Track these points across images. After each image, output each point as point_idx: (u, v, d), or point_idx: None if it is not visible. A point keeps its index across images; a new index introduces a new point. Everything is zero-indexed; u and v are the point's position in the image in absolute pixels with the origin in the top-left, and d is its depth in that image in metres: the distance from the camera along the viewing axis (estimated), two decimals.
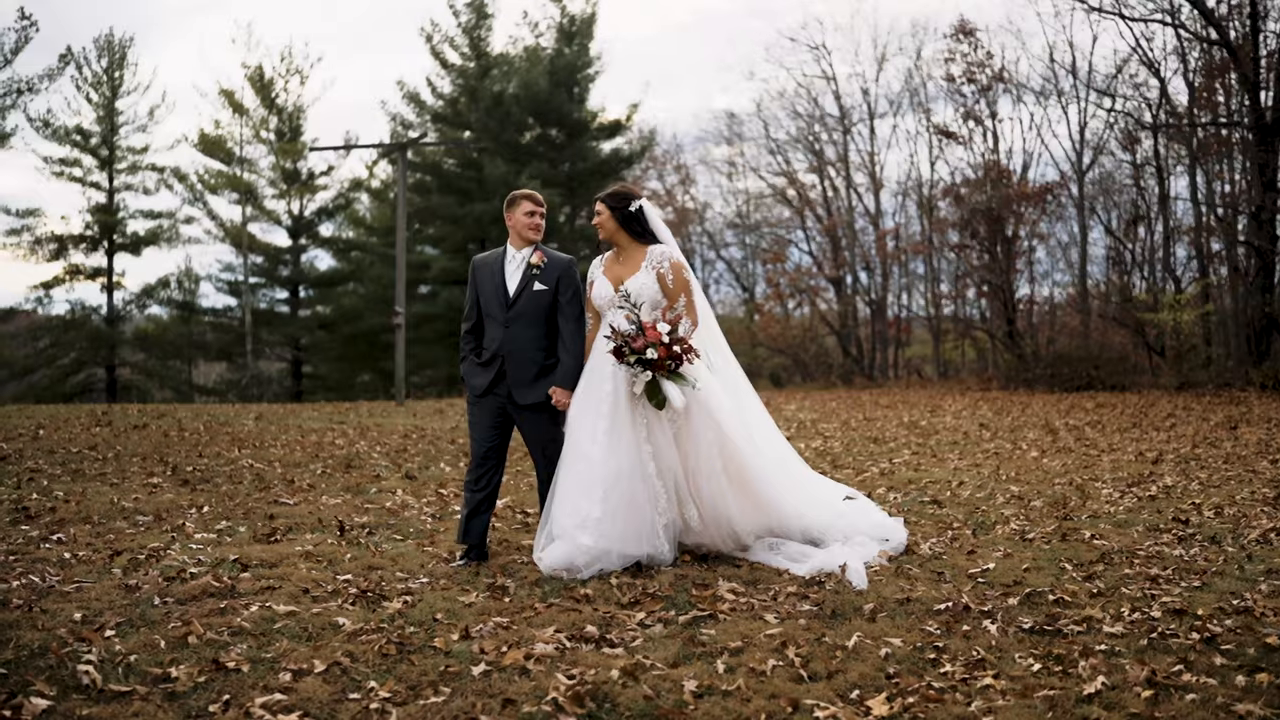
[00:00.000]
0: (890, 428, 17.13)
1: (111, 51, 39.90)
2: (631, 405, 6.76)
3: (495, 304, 7.18)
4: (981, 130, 33.89)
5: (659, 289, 6.95)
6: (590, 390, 6.89)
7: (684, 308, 6.98)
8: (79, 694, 4.50)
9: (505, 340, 7.09)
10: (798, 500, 7.25)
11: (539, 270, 7.10)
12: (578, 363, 7.07)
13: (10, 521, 8.57)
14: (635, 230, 7.09)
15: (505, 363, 7.09)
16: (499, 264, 7.26)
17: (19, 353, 39.73)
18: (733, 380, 7.41)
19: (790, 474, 7.50)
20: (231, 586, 6.32)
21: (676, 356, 6.60)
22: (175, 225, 41.14)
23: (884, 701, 4.41)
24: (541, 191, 34.03)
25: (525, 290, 7.09)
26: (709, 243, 44.92)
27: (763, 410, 7.67)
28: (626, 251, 7.12)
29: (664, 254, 7.01)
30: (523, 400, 7.07)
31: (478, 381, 7.21)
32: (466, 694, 4.51)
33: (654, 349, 6.55)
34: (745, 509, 6.98)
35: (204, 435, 16.00)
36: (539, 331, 7.09)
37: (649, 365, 6.58)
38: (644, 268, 6.99)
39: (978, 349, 37.28)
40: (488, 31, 39.01)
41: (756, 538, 7.08)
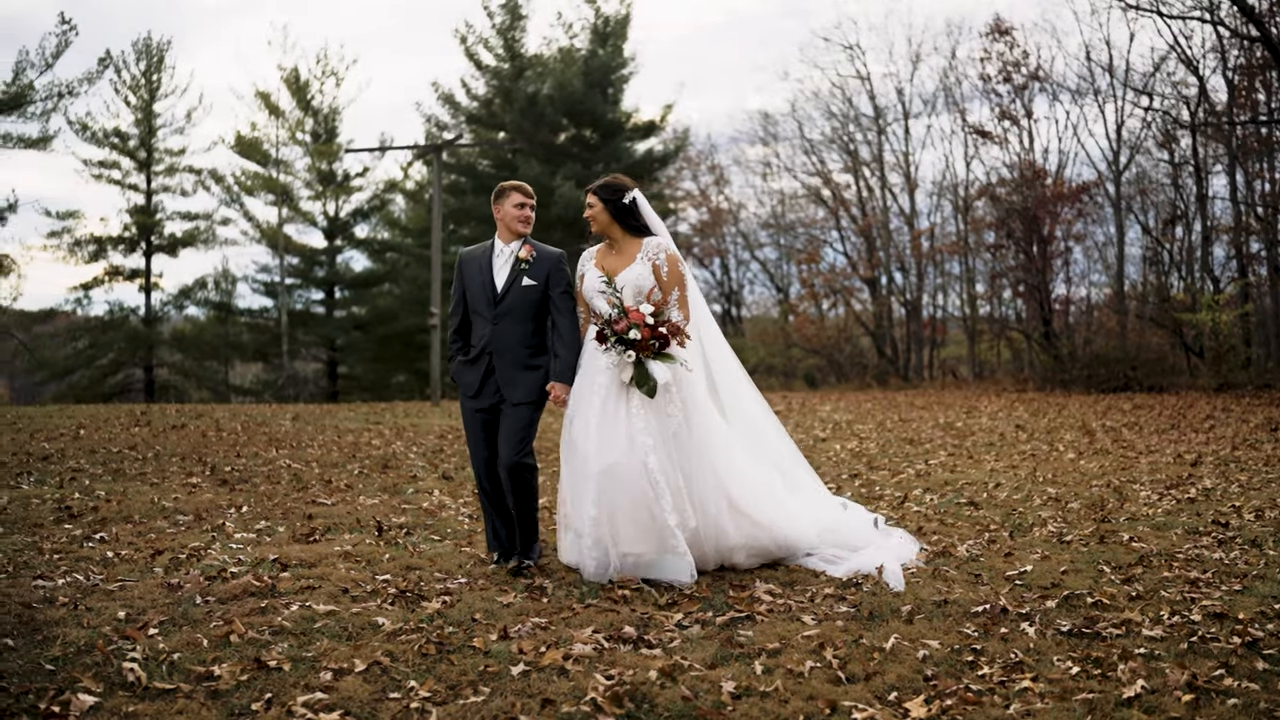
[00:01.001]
0: (926, 429, 17.08)
1: (149, 55, 40.20)
2: (626, 398, 6.59)
3: (482, 300, 6.97)
4: (1017, 130, 33.73)
5: (654, 281, 6.79)
6: (584, 385, 6.73)
7: (676, 301, 6.80)
8: (125, 691, 4.56)
9: (492, 337, 6.90)
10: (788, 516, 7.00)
11: (528, 265, 6.91)
12: (576, 357, 6.89)
13: (54, 520, 8.69)
14: (629, 223, 6.93)
15: (493, 359, 6.90)
16: (486, 258, 7.06)
17: (59, 353, 40.08)
18: (731, 380, 7.30)
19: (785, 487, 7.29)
20: (272, 586, 6.39)
21: (662, 337, 6.48)
22: (212, 227, 41.39)
23: (922, 704, 4.41)
24: (576, 193, 34.09)
25: (514, 285, 6.89)
26: (743, 243, 44.89)
27: (764, 411, 7.50)
28: (620, 244, 6.95)
29: (659, 246, 6.86)
30: (513, 398, 6.86)
31: (468, 380, 7.01)
32: (506, 694, 4.55)
33: (636, 329, 6.42)
34: (741, 525, 6.74)
35: (242, 435, 16.12)
36: (528, 328, 6.90)
37: (631, 346, 6.44)
38: (639, 259, 6.82)
39: (1013, 350, 37.07)
40: (522, 33, 39.06)
41: (748, 555, 6.82)
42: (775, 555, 6.94)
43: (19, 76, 31.68)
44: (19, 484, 10.62)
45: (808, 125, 40.90)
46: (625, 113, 38.69)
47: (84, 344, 40.45)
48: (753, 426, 7.34)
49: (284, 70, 41.06)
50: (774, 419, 7.58)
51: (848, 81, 39.67)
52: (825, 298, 41.92)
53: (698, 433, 6.66)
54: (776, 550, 6.92)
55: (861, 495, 10.05)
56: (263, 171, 41.07)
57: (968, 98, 37.38)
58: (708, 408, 6.85)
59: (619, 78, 38.30)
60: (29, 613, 5.71)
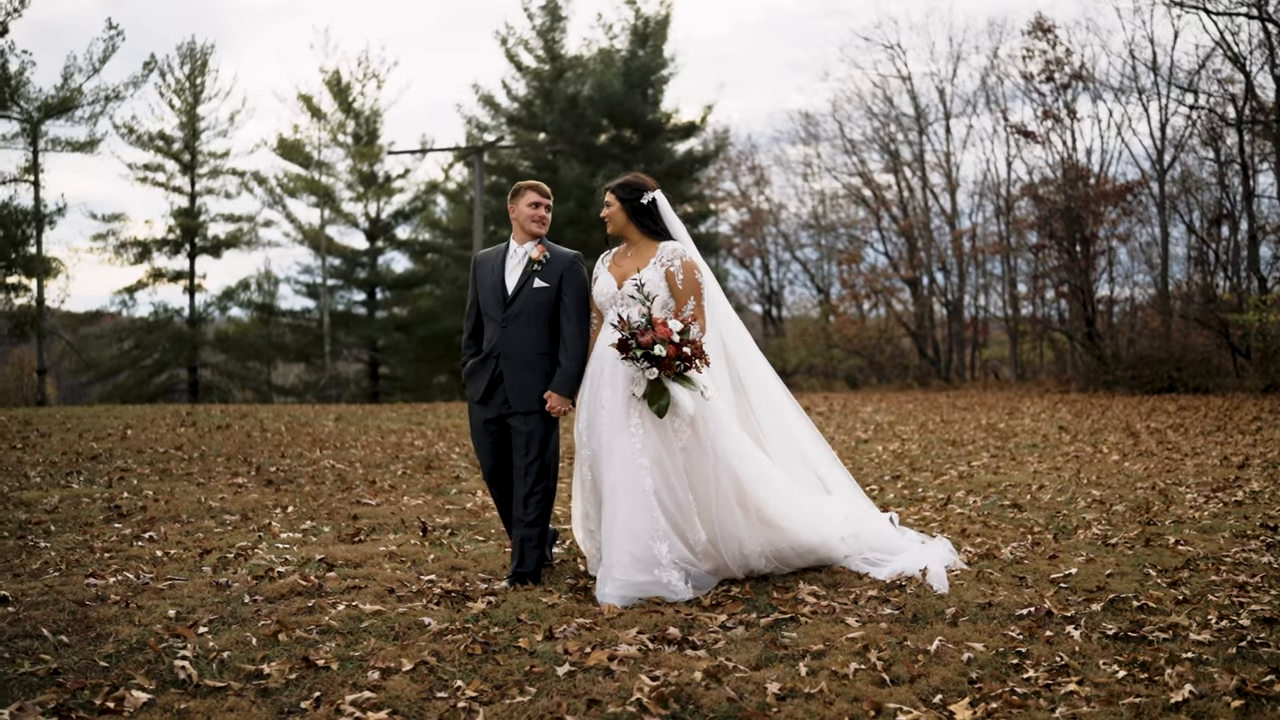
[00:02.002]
0: (968, 430, 16.99)
1: (193, 59, 40.56)
2: (628, 413, 6.27)
3: (493, 302, 6.69)
4: (1059, 129, 33.47)
5: (667, 289, 6.44)
6: (597, 399, 6.43)
7: (692, 311, 6.42)
8: (176, 688, 4.63)
9: (501, 341, 6.61)
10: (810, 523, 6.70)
11: (540, 266, 6.63)
12: (578, 367, 6.59)
13: (104, 519, 8.81)
14: (646, 225, 6.63)
15: (500, 365, 6.61)
16: (499, 260, 6.79)
17: (105, 354, 40.56)
18: (761, 384, 6.98)
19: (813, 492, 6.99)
20: (318, 585, 6.46)
21: (686, 358, 6.11)
22: (255, 228, 41.71)
23: (967, 706, 4.41)
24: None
25: (525, 288, 6.61)
26: (784, 244, 44.75)
27: (798, 416, 7.17)
28: (636, 247, 6.65)
29: (675, 251, 6.51)
30: (520, 406, 6.59)
31: (475, 386, 6.75)
32: (552, 694, 4.58)
33: (662, 345, 6.06)
34: (759, 533, 6.48)
35: (285, 436, 16.26)
36: (539, 333, 6.60)
37: (655, 362, 6.08)
38: (652, 264, 6.47)
39: (1056, 350, 36.80)
40: (562, 34, 39.15)
41: (767, 561, 6.57)
42: (797, 563, 6.70)
43: (68, 81, 32.09)
44: (69, 483, 10.77)
45: (849, 125, 40.75)
46: (665, 113, 38.70)
47: (129, 345, 40.93)
48: (783, 430, 7.02)
49: (326, 73, 41.34)
50: (808, 422, 7.26)
51: (889, 81, 39.36)
52: (866, 298, 41.76)
53: (710, 443, 6.31)
54: (797, 558, 6.67)
55: (904, 497, 10.03)
56: (305, 173, 41.37)
57: (1009, 97, 37.21)
58: (723, 416, 6.46)
59: (659, 78, 38.32)
60: (82, 610, 5.80)
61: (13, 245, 29.06)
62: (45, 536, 8.06)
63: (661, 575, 6.09)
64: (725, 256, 44.38)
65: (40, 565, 7.00)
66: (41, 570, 6.87)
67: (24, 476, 11.08)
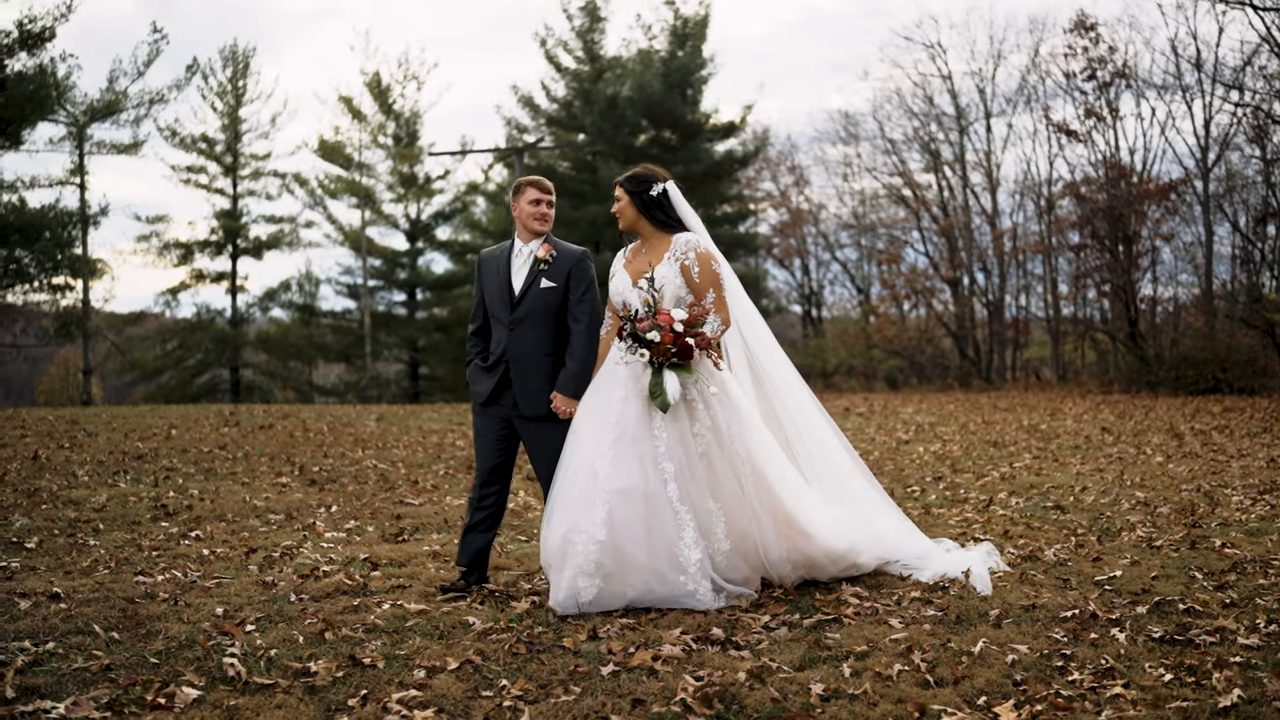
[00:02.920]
0: (1010, 431, 16.90)
1: (235, 62, 40.89)
2: (648, 414, 6.00)
3: (500, 304, 6.47)
4: (1102, 127, 33.23)
5: (683, 282, 6.18)
6: (601, 395, 6.17)
7: (712, 304, 6.16)
8: (225, 685, 4.69)
9: (509, 344, 6.40)
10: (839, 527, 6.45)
11: (547, 265, 6.40)
12: (584, 369, 6.33)
13: (151, 518, 8.92)
14: (658, 218, 6.35)
15: (510, 369, 6.41)
16: (505, 259, 6.55)
17: (148, 354, 41.01)
18: (782, 382, 6.73)
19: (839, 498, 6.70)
20: (363, 584, 6.52)
21: (685, 348, 5.86)
22: (296, 229, 42.00)
23: (1011, 709, 4.39)
24: None
25: (532, 288, 6.38)
26: (824, 244, 44.66)
27: (822, 417, 6.92)
28: (650, 242, 6.39)
29: (690, 243, 6.24)
30: (529, 411, 6.38)
31: (480, 388, 6.53)
32: (596, 693, 4.60)
33: (658, 332, 5.82)
34: (781, 538, 6.18)
35: (328, 436, 16.39)
36: (547, 334, 6.39)
37: (647, 347, 5.84)
38: (666, 259, 6.22)
39: (1098, 351, 36.54)
40: (601, 35, 39.19)
41: (794, 567, 6.27)
42: (830, 570, 6.42)
43: (112, 84, 32.44)
44: (116, 482, 10.90)
45: (889, 125, 40.58)
46: (705, 114, 38.68)
47: (173, 345, 41.35)
48: (809, 431, 6.78)
49: (366, 74, 41.59)
50: (831, 422, 6.99)
51: (929, 80, 39.20)
52: (906, 298, 41.59)
53: (733, 448, 6.06)
54: (829, 563, 6.39)
55: (946, 498, 10.00)
56: (345, 175, 41.62)
57: (1051, 95, 36.82)
58: (747, 417, 6.24)
59: (698, 79, 38.29)
60: (132, 607, 5.88)
61: (59, 246, 29.40)
62: (94, 535, 8.18)
63: (687, 584, 5.85)
64: (765, 257, 44.35)
65: (90, 563, 7.10)
66: (92, 568, 6.97)
67: (72, 475, 11.22)
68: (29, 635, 5.33)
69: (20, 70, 27.16)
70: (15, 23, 26.87)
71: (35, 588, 6.28)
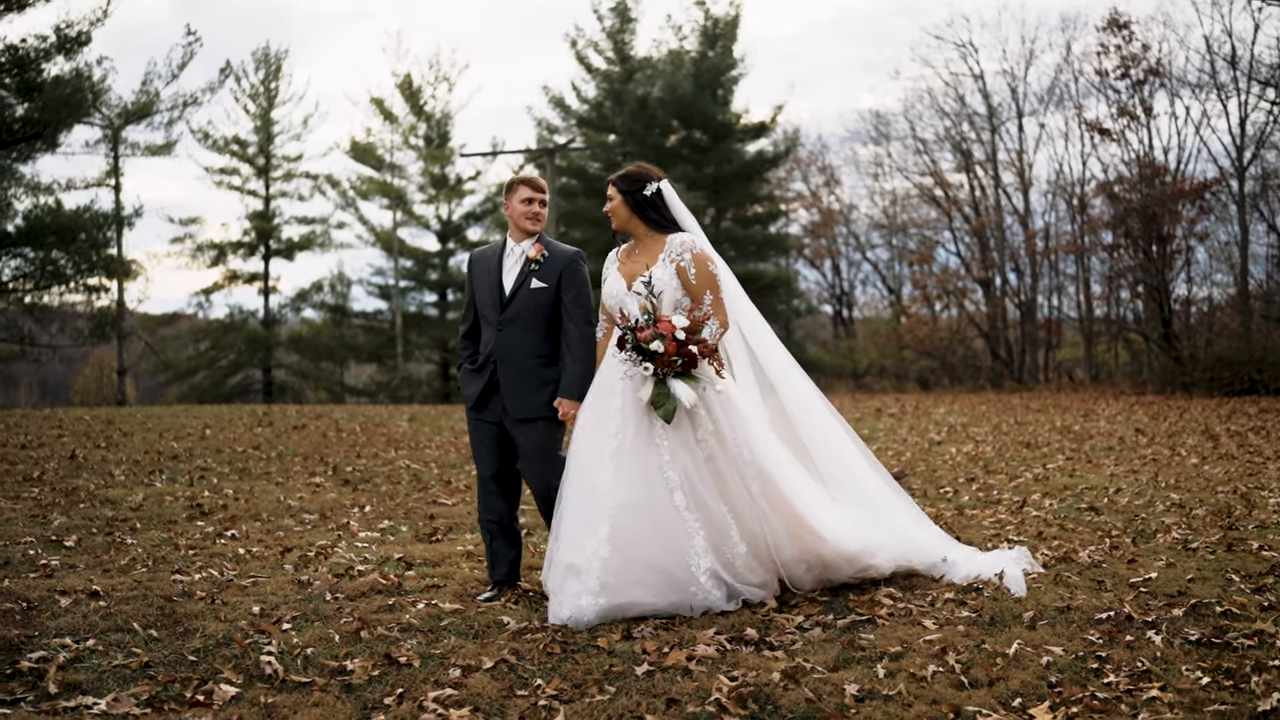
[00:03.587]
0: (1042, 432, 16.81)
1: (268, 64, 41.17)
2: (647, 422, 5.86)
3: (489, 304, 6.33)
4: (1135, 126, 32.99)
5: (679, 285, 6.02)
6: (597, 405, 6.02)
7: (710, 306, 6.02)
8: (263, 683, 4.73)
9: (497, 345, 6.26)
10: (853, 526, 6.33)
11: (538, 265, 6.24)
12: (586, 371, 6.17)
13: (186, 517, 9.00)
14: (651, 218, 6.18)
15: (498, 370, 6.26)
16: (496, 259, 6.42)
17: (181, 355, 41.37)
18: (787, 380, 6.57)
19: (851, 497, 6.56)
20: (398, 584, 6.56)
21: (690, 356, 5.75)
22: (328, 230, 42.26)
23: (1047, 711, 4.37)
24: (686, 195, 34.05)
25: (522, 288, 6.23)
26: (855, 244, 44.56)
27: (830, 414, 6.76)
28: (643, 243, 6.23)
29: (685, 244, 6.08)
30: (518, 414, 6.22)
31: (469, 391, 6.40)
32: (631, 693, 4.62)
33: (661, 341, 5.69)
34: (793, 538, 6.07)
35: (360, 436, 16.47)
36: (537, 336, 6.24)
37: (651, 358, 5.72)
38: (661, 261, 6.06)
39: (1132, 352, 36.28)
40: (631, 35, 39.26)
41: (807, 568, 6.15)
42: (845, 571, 6.27)
43: (146, 86, 32.71)
44: (152, 481, 11.00)
45: (920, 124, 40.42)
46: (735, 114, 38.68)
47: (206, 346, 41.70)
48: (819, 433, 6.64)
49: (397, 76, 41.79)
50: (842, 421, 6.84)
51: (961, 79, 39.01)
52: (938, 299, 41.41)
53: (738, 450, 5.96)
54: (844, 564, 6.23)
55: (979, 499, 9.96)
56: (377, 176, 41.83)
57: (1084, 94, 36.61)
58: (750, 420, 6.15)
59: (729, 79, 38.30)
60: (170, 605, 5.94)
61: (94, 248, 29.64)
62: (131, 533, 8.26)
63: (698, 594, 5.73)
64: (796, 257, 44.28)
65: (128, 561, 7.18)
66: (130, 566, 7.04)
67: (109, 475, 11.33)
68: (70, 632, 5.40)
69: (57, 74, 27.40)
70: (53, 28, 27.10)
71: (75, 585, 6.35)
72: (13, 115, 27.24)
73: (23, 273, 29.19)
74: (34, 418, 18.52)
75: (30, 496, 9.84)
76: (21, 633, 5.35)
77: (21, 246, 28.45)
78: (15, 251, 28.66)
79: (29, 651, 5.05)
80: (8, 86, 27.12)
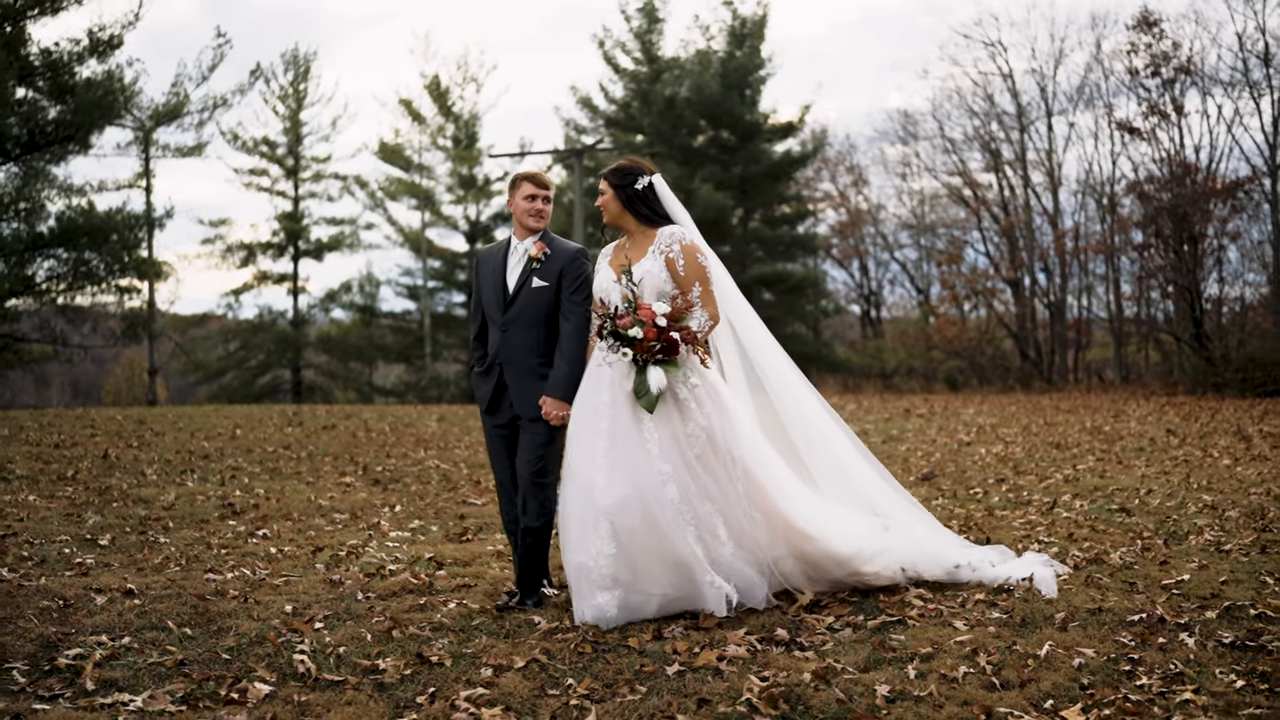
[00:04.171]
0: (1072, 433, 16.72)
1: (296, 65, 41.39)
2: (638, 419, 5.79)
3: (493, 304, 6.25)
4: (1166, 125, 32.76)
5: (668, 277, 5.92)
6: (587, 402, 5.92)
7: (699, 298, 5.92)
8: (296, 681, 4.77)
9: (501, 346, 6.18)
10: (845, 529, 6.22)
11: (540, 264, 6.13)
12: (574, 370, 6.05)
13: (218, 517, 9.07)
14: (642, 212, 6.08)
15: (503, 372, 6.18)
16: (501, 258, 6.30)
17: (211, 355, 41.66)
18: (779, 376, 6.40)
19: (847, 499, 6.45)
20: (429, 584, 6.60)
21: (670, 342, 5.66)
22: (356, 231, 42.46)
23: (1079, 713, 4.36)
24: (715, 195, 34.04)
25: (524, 288, 6.13)
26: (883, 244, 44.42)
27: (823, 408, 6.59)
28: (634, 237, 6.13)
29: (674, 235, 5.99)
30: (526, 413, 6.13)
31: (481, 394, 6.34)
32: (662, 693, 4.63)
33: (640, 328, 5.62)
34: (781, 539, 6.01)
35: (390, 436, 16.54)
36: (539, 335, 6.14)
37: (630, 345, 5.64)
38: (650, 253, 5.97)
39: (1162, 352, 36.02)
40: (659, 36, 39.30)
41: (801, 572, 6.10)
42: (836, 574, 6.18)
43: (177, 88, 32.96)
44: (184, 481, 11.08)
45: (948, 124, 40.26)
46: (763, 114, 38.67)
47: (235, 346, 41.97)
48: (813, 432, 6.50)
49: (425, 77, 41.95)
50: (837, 419, 6.67)
51: (989, 79, 38.83)
52: (966, 299, 41.23)
53: (728, 449, 5.88)
54: (835, 567, 6.14)
55: (1009, 500, 9.92)
56: (405, 177, 42.00)
57: (1114, 93, 36.42)
58: (737, 417, 6.05)
59: (756, 79, 38.30)
60: (203, 604, 5.99)
61: (126, 249, 29.90)
62: (164, 532, 8.32)
63: (704, 575, 5.70)
64: (824, 257, 44.19)
65: (162, 560, 7.24)
66: (163, 565, 7.10)
67: (141, 474, 11.42)
68: (105, 630, 5.45)
69: (89, 77, 27.67)
70: (86, 31, 27.39)
71: (110, 584, 6.41)
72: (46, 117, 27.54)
73: (56, 274, 29.47)
74: (67, 417, 18.68)
75: (65, 495, 9.93)
76: (59, 630, 5.41)
77: (55, 247, 28.73)
78: (48, 252, 28.94)
79: (66, 648, 5.11)
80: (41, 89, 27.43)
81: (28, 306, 30.33)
